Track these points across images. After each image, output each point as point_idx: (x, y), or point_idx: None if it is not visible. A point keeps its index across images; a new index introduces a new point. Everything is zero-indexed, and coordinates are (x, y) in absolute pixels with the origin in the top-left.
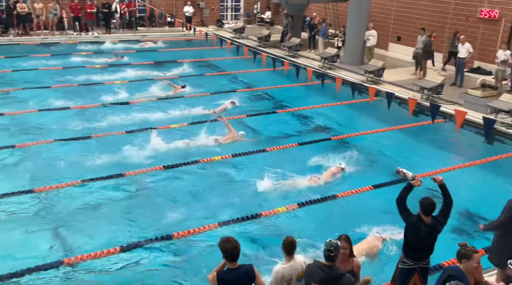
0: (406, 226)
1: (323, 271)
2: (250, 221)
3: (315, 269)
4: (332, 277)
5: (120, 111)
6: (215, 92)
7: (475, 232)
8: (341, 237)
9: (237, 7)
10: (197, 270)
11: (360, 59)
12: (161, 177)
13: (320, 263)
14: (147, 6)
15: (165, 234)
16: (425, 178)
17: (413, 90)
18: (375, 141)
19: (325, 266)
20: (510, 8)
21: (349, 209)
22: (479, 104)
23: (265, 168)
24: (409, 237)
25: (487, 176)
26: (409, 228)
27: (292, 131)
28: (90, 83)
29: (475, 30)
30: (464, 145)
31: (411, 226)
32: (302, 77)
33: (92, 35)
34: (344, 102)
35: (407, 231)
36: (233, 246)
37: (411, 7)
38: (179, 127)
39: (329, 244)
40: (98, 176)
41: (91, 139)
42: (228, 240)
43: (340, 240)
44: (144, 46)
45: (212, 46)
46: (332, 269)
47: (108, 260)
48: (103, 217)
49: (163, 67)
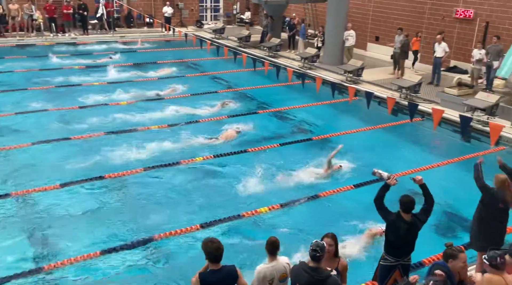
0: (386, 224)
1: (308, 274)
2: (233, 222)
3: (300, 271)
4: (317, 279)
5: (99, 113)
6: (196, 94)
7: (452, 229)
8: (327, 235)
9: (217, 8)
10: (181, 273)
11: (339, 59)
12: (142, 178)
13: (305, 265)
14: (125, 7)
15: (147, 237)
16: (404, 176)
17: (391, 90)
18: (355, 140)
19: (310, 268)
20: (485, 8)
21: (331, 208)
22: (456, 102)
23: (247, 169)
24: (389, 235)
25: (464, 173)
26: (389, 226)
27: (274, 132)
28: (68, 85)
29: (451, 30)
30: (442, 142)
31: (391, 224)
32: (283, 78)
33: (69, 36)
34: (324, 102)
35: (387, 229)
36: (216, 247)
37: (387, 7)
38: (160, 129)
39: (315, 245)
40: (78, 179)
41: (70, 142)
42: (211, 241)
43: (326, 238)
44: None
45: (192, 46)
46: (317, 272)
47: (89, 264)
48: (83, 221)
49: (143, 68)
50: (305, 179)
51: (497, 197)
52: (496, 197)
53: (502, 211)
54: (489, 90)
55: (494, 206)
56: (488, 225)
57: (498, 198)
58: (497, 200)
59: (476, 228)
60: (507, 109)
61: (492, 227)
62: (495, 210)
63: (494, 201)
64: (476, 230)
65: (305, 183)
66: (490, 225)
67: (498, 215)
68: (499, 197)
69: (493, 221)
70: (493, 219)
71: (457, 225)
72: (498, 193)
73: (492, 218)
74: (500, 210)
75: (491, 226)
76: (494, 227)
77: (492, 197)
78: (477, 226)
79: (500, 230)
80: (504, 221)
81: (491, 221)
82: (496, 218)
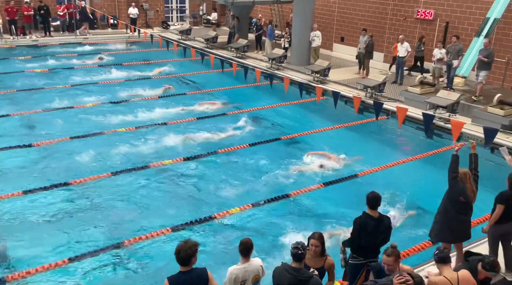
0: (354, 224)
1: (290, 274)
2: (204, 224)
3: (283, 272)
4: (299, 280)
5: (63, 117)
6: (164, 96)
7: (420, 222)
8: (314, 236)
9: (183, 9)
10: (154, 277)
11: (306, 59)
12: (110, 183)
13: (287, 266)
14: (88, 8)
15: (115, 243)
16: (372, 173)
17: (357, 89)
18: (324, 139)
19: (292, 268)
20: (445, 9)
21: (301, 207)
22: (419, 101)
23: (217, 170)
24: (357, 234)
25: (428, 168)
26: (358, 225)
27: (243, 132)
28: (31, 89)
29: (412, 30)
30: (407, 140)
31: (360, 223)
32: (251, 78)
33: (30, 38)
34: (292, 102)
35: (356, 229)
36: (177, 251)
37: (352, 8)
38: (126, 132)
39: (297, 243)
40: (42, 186)
41: (33, 147)
42: (182, 242)
43: (313, 238)
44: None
45: (158, 48)
46: (300, 272)
47: (56, 273)
48: (48, 229)
49: (107, 70)
50: (275, 178)
51: (459, 191)
52: (460, 191)
53: (466, 204)
54: (450, 88)
55: (459, 199)
56: (453, 219)
57: (459, 191)
58: (459, 194)
59: (441, 220)
60: (467, 106)
61: (457, 220)
62: (460, 203)
63: (458, 195)
64: (441, 222)
65: (276, 182)
66: (455, 219)
67: (463, 208)
68: (460, 191)
69: (458, 215)
70: (458, 213)
71: (424, 219)
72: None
73: (457, 211)
74: (463, 203)
75: (456, 220)
76: (458, 220)
77: (458, 191)
78: (443, 219)
79: (464, 223)
80: (468, 215)
81: (456, 214)
82: (461, 212)
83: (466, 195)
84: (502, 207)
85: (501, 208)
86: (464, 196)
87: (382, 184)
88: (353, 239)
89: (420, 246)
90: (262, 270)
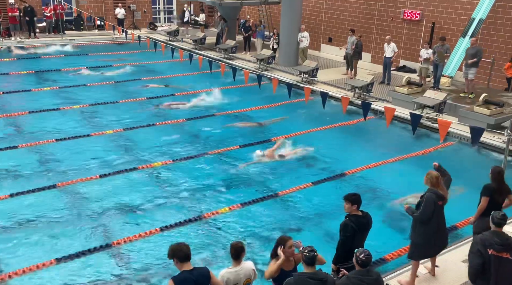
0: (346, 233)
1: (316, 280)
2: (193, 224)
3: (307, 281)
4: (324, 282)
5: (48, 119)
6: (151, 97)
7: (405, 223)
8: (285, 237)
9: (170, 10)
10: (143, 277)
11: (294, 60)
12: (98, 185)
13: (304, 275)
14: (75, 9)
15: (104, 243)
16: (360, 172)
17: (345, 89)
18: (312, 139)
19: (312, 274)
20: (431, 9)
21: (290, 206)
22: (406, 101)
23: (206, 171)
24: (353, 235)
25: (415, 168)
26: (354, 227)
27: (232, 134)
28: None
29: (399, 31)
30: (394, 139)
31: (357, 224)
32: (239, 79)
33: (15, 40)
34: (281, 102)
35: (349, 231)
36: (179, 249)
37: (339, 9)
38: (113, 133)
39: (309, 247)
40: (28, 189)
41: (17, 150)
42: (177, 243)
43: (290, 239)
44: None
45: (146, 49)
46: (320, 275)
47: (43, 274)
48: (33, 232)
49: (96, 71)
50: (265, 178)
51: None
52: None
53: (442, 209)
54: (437, 88)
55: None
56: (435, 233)
57: (437, 195)
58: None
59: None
60: (454, 106)
61: (439, 224)
62: (440, 207)
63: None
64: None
65: (265, 182)
66: (437, 223)
67: (440, 213)
68: (437, 195)
69: (440, 219)
70: (439, 217)
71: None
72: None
73: (438, 215)
74: (441, 206)
75: (438, 223)
76: (440, 224)
77: (437, 197)
78: (424, 239)
79: (444, 230)
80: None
81: (436, 218)
82: (440, 216)
83: (441, 196)
84: (487, 199)
85: (486, 200)
86: (442, 199)
87: (369, 183)
88: (345, 243)
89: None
90: (254, 273)
